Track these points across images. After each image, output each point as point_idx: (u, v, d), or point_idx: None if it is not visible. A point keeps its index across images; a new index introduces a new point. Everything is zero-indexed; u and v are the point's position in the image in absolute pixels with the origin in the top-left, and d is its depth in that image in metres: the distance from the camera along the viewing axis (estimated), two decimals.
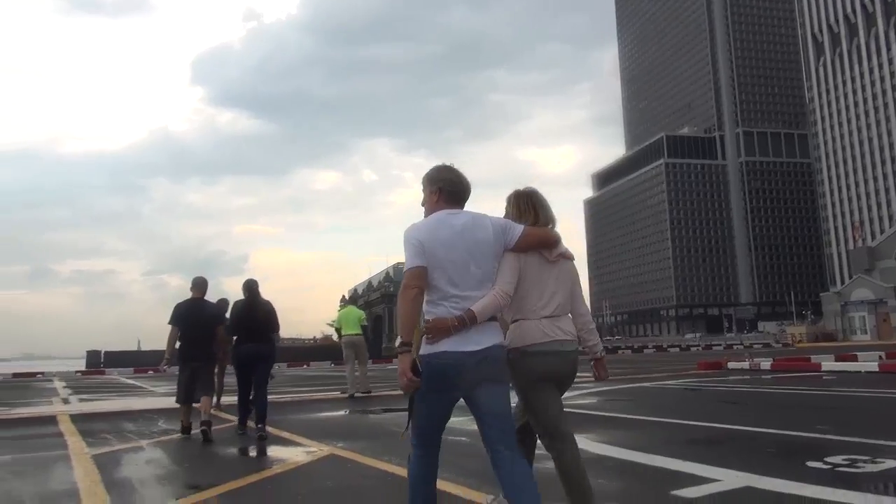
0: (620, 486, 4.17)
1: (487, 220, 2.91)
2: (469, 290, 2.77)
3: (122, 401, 13.49)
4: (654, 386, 12.67)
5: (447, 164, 3.03)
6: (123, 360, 42.19)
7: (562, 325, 3.05)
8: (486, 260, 2.84)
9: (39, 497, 4.29)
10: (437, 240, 2.77)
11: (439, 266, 2.75)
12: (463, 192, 2.96)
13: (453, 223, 2.82)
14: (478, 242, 2.82)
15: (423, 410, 2.85)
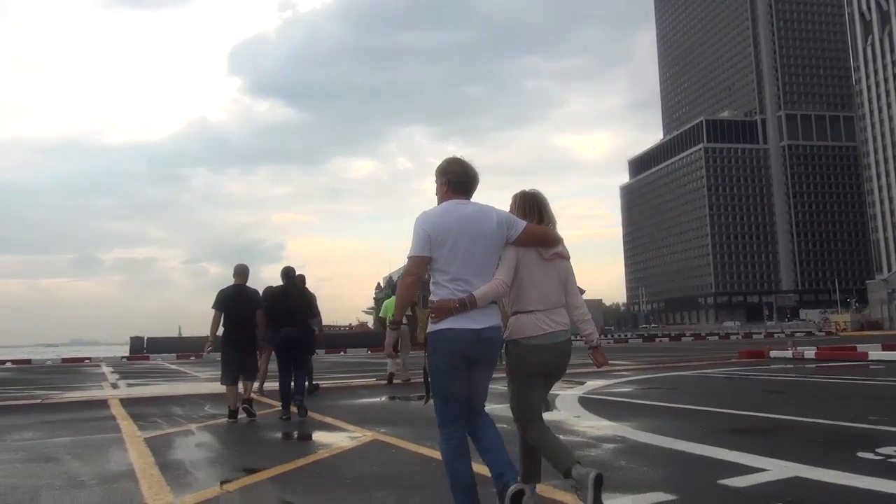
0: (666, 475, 4.16)
1: (493, 211, 3.13)
2: (471, 274, 3.00)
3: (167, 386, 13.86)
4: (694, 374, 12.55)
5: (456, 157, 3.22)
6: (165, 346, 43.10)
7: (555, 318, 3.28)
8: (489, 248, 3.06)
9: (99, 477, 4.46)
10: (444, 227, 3.00)
11: (444, 251, 2.98)
12: (470, 182, 3.16)
13: (460, 212, 3.06)
14: (482, 231, 3.04)
15: (444, 387, 3.05)
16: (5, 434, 6.60)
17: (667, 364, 16.23)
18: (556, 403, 8.02)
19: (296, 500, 3.80)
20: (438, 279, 3.03)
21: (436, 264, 3.02)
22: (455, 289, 2.97)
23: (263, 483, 4.25)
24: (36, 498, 3.94)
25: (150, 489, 4.04)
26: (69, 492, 4.07)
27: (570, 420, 6.64)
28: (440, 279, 3.01)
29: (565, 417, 6.83)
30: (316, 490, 4.03)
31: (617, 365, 16.34)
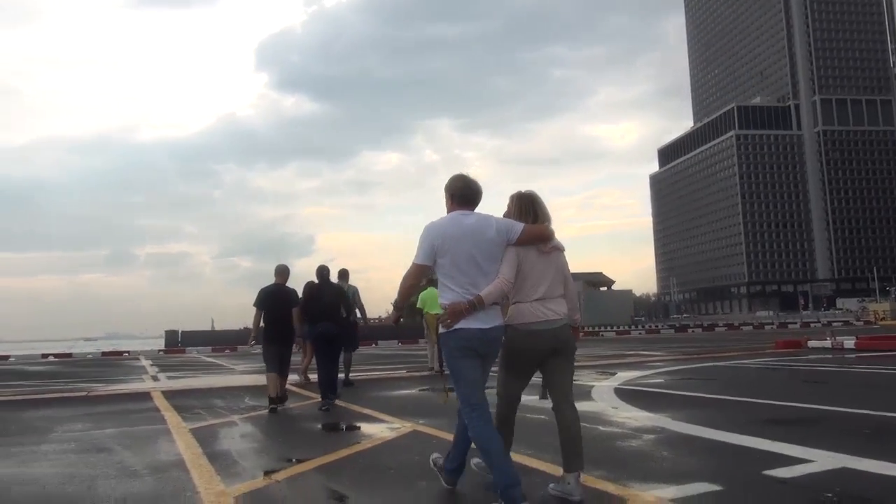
0: (710, 466, 4.15)
1: (493, 220, 3.50)
2: (475, 278, 3.36)
3: (206, 378, 14.13)
4: (729, 365, 12.41)
5: (460, 174, 3.61)
6: (199, 339, 43.88)
7: (551, 306, 3.54)
8: (490, 253, 3.41)
9: (151, 467, 4.60)
10: (449, 236, 3.37)
11: (450, 257, 3.35)
12: (472, 195, 3.53)
13: (464, 222, 3.42)
14: (484, 239, 3.40)
15: (463, 379, 3.42)
16: (57, 425, 6.82)
17: (701, 354, 16.06)
18: (592, 394, 8.03)
19: (342, 489, 3.87)
20: (447, 283, 3.39)
21: (443, 270, 3.39)
22: (462, 291, 3.33)
23: (309, 473, 4.34)
24: (93, 486, 4.08)
25: (202, 478, 4.16)
26: (124, 481, 4.21)
27: (607, 411, 6.64)
28: (449, 283, 3.38)
29: (602, 408, 6.83)
30: (361, 480, 4.11)
31: (650, 356, 16.22)
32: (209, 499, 3.67)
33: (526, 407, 7.06)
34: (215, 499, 3.65)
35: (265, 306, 7.83)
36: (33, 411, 8.29)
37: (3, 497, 3.90)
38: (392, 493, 3.81)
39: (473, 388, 3.40)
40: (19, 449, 5.51)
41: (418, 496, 3.70)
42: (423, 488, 3.81)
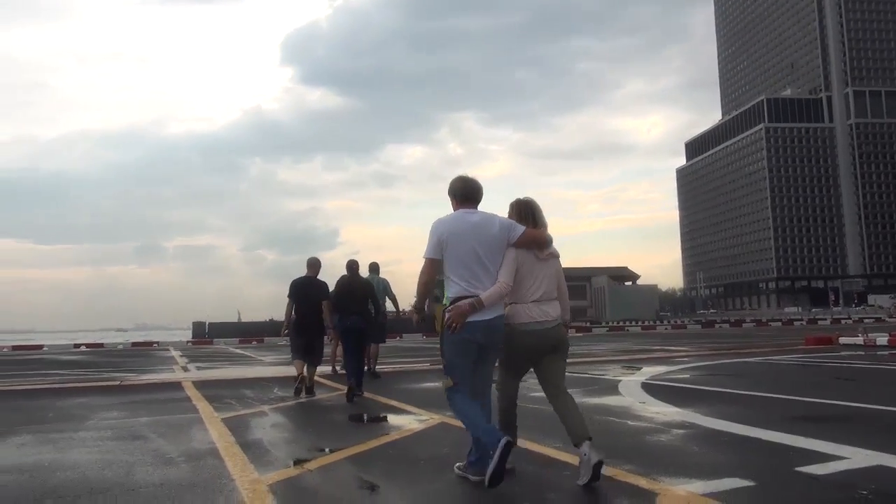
0: (741, 461, 4.13)
1: (496, 218, 3.75)
2: (478, 271, 3.60)
3: (235, 369, 14.34)
4: (758, 361, 12.28)
5: (460, 175, 3.85)
6: (226, 331, 44.50)
7: (545, 309, 3.80)
8: (492, 250, 3.65)
9: (186, 455, 4.70)
10: (455, 233, 3.63)
11: (455, 253, 3.60)
12: (472, 192, 3.80)
13: (468, 220, 3.68)
14: (487, 236, 3.64)
15: (455, 368, 3.70)
16: (93, 413, 6.98)
17: (729, 350, 15.91)
18: (619, 389, 8.01)
19: (374, 479, 3.93)
20: (452, 277, 3.65)
21: (448, 264, 3.64)
22: (465, 285, 3.59)
23: (341, 463, 4.40)
24: (131, 472, 4.19)
25: (236, 466, 4.24)
26: (160, 468, 4.30)
27: (635, 406, 6.63)
28: (453, 277, 3.64)
29: (630, 403, 6.82)
30: (392, 470, 4.16)
31: (676, 351, 16.10)
32: (244, 486, 3.74)
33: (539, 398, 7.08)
34: (250, 486, 3.73)
35: (297, 297, 8.18)
36: (69, 399, 8.49)
37: (47, 481, 4.01)
38: (423, 484, 3.86)
39: (461, 378, 3.68)
40: (58, 436, 5.66)
41: (450, 487, 3.74)
42: (455, 480, 3.84)
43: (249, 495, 3.54)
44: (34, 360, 19.65)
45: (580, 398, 7.30)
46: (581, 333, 36.06)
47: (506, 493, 3.53)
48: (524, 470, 4.01)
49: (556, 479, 3.77)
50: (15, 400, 8.84)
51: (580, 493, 3.47)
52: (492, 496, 3.48)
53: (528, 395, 7.59)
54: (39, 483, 3.98)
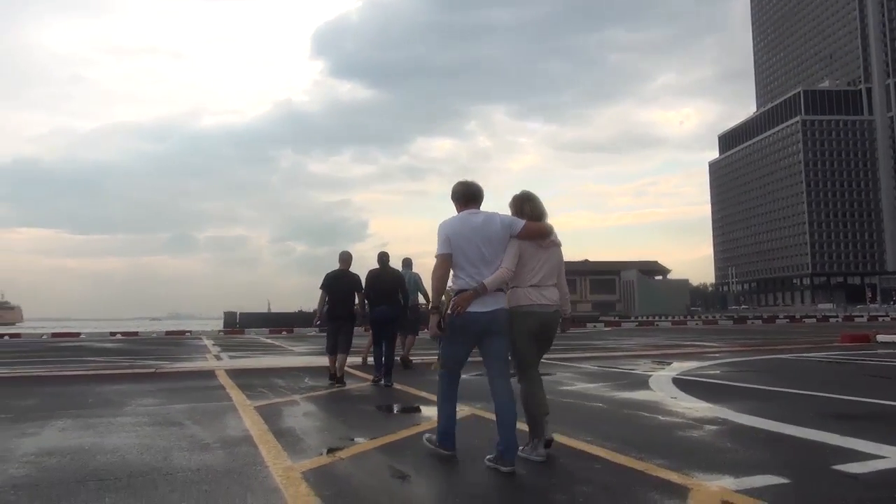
0: (775, 458, 4.08)
1: (498, 217, 4.08)
2: (482, 266, 3.95)
3: (266, 358, 14.55)
4: (792, 358, 12.08)
5: (460, 181, 4.20)
6: (256, 321, 45.12)
7: (544, 293, 4.12)
8: (494, 247, 4.00)
9: (221, 441, 4.80)
10: (460, 233, 3.99)
11: (461, 250, 3.97)
12: (473, 194, 4.16)
13: (472, 220, 4.03)
14: (489, 234, 3.99)
15: (449, 353, 4.18)
16: (130, 400, 7.15)
17: (761, 347, 15.68)
18: (650, 384, 7.95)
19: (405, 469, 3.97)
20: (457, 272, 4.00)
21: (455, 260, 3.99)
22: (469, 279, 3.94)
23: (372, 452, 4.46)
24: (169, 457, 4.29)
25: (269, 454, 4.32)
26: (197, 453, 4.40)
27: (666, 401, 6.58)
28: (458, 272, 3.99)
29: (661, 398, 6.77)
30: (423, 460, 4.19)
31: (707, 346, 15.91)
32: (278, 473, 3.81)
33: (583, 395, 7.08)
34: (284, 473, 3.80)
35: (329, 289, 8.43)
36: (107, 385, 8.71)
37: (88, 464, 4.13)
38: (454, 474, 3.89)
39: (455, 362, 4.19)
40: (98, 420, 5.82)
41: (481, 478, 3.76)
42: (485, 471, 3.87)
43: (283, 482, 3.60)
44: (72, 348, 20.16)
45: (610, 392, 7.29)
46: (610, 328, 35.80)
47: (537, 484, 3.55)
48: (555, 462, 4.02)
49: (587, 472, 3.77)
50: (56, 385, 9.09)
51: (611, 485, 3.46)
52: (523, 488, 3.50)
53: (560, 390, 7.60)
54: (81, 465, 4.10)
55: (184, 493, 3.42)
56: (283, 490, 3.45)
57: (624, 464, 3.92)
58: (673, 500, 3.18)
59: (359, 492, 3.51)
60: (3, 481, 3.72)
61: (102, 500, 3.30)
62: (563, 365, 10.93)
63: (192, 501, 3.28)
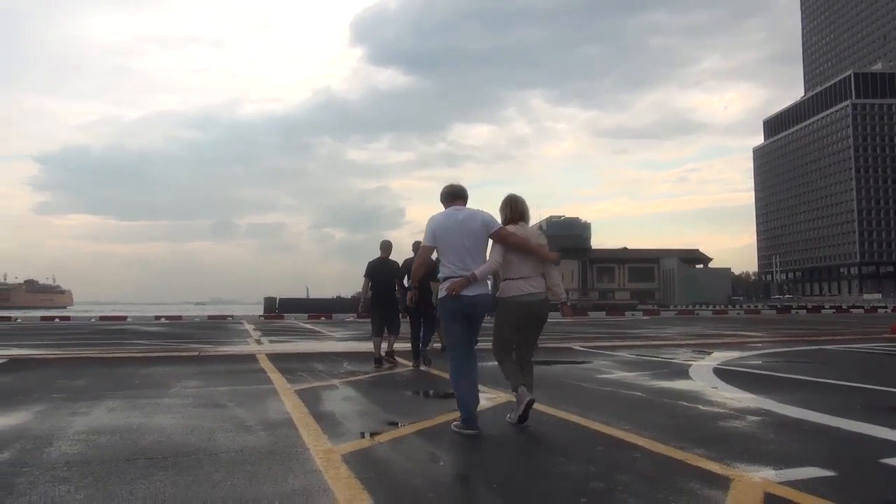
0: (821, 451, 4.00)
1: (480, 214, 4.65)
2: (465, 257, 4.49)
3: (306, 343, 14.78)
4: (838, 349, 11.79)
5: (447, 184, 4.84)
6: (295, 307, 45.71)
7: (532, 283, 4.67)
8: (476, 240, 4.55)
9: (263, 423, 4.90)
10: (444, 227, 4.57)
11: (445, 243, 4.54)
12: (455, 193, 4.79)
13: (455, 216, 4.62)
14: (470, 229, 4.54)
15: (449, 331, 4.70)
16: (175, 382, 7.35)
17: (806, 337, 15.33)
18: (689, 373, 7.86)
19: (442, 454, 4.01)
20: (443, 261, 4.55)
21: (441, 251, 4.57)
22: (454, 267, 4.49)
23: (410, 436, 4.50)
24: (213, 438, 4.40)
25: (310, 436, 4.40)
26: (240, 434, 4.51)
27: (707, 391, 6.49)
28: (445, 262, 4.54)
29: (702, 388, 6.69)
30: (460, 445, 4.23)
31: (749, 336, 15.62)
32: (318, 455, 3.88)
33: (621, 383, 7.03)
34: (324, 455, 3.86)
35: (372, 277, 8.78)
36: (153, 367, 8.96)
37: (137, 443, 4.27)
38: (491, 460, 3.91)
39: (457, 341, 4.63)
40: (145, 401, 5.99)
41: (517, 463, 3.78)
42: (522, 457, 3.88)
43: (324, 464, 3.67)
44: (119, 331, 20.76)
45: (649, 381, 7.23)
46: (648, 316, 35.39)
47: (575, 472, 3.54)
48: (594, 451, 4.01)
49: (626, 461, 3.75)
50: (104, 367, 9.38)
51: (650, 474, 3.44)
52: (561, 475, 3.50)
53: (598, 378, 7.57)
54: (130, 444, 4.24)
55: (228, 473, 3.51)
56: (323, 472, 3.51)
57: (664, 453, 3.89)
58: (714, 491, 3.15)
59: (397, 475, 3.55)
60: (57, 458, 3.87)
61: (150, 478, 3.41)
62: (601, 353, 10.86)
63: (235, 481, 3.37)
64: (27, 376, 8.14)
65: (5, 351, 12.04)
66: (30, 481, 3.37)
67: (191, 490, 3.21)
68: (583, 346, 12.53)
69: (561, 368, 8.94)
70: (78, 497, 3.12)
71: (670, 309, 55.48)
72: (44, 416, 5.23)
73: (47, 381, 7.55)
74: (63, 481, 3.37)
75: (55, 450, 4.07)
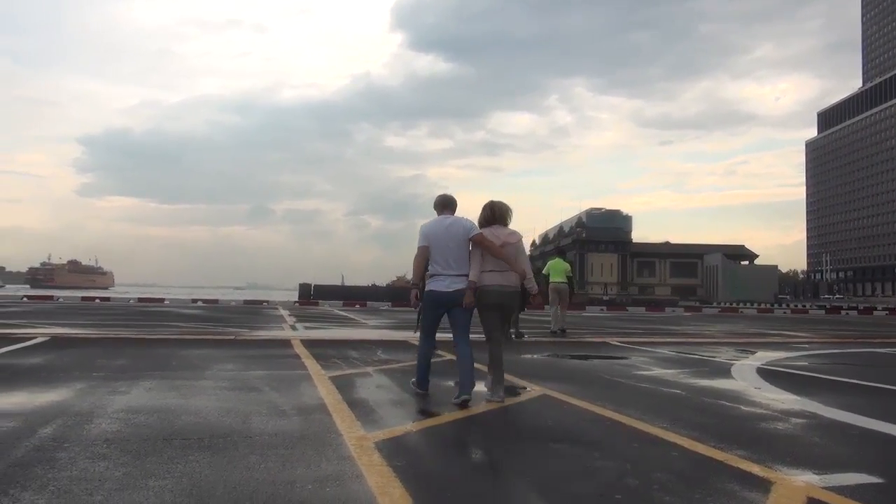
0: (868, 456, 3.91)
1: (462, 221, 5.56)
2: (448, 258, 5.43)
3: (340, 330, 14.95)
4: (891, 352, 11.45)
5: (439, 194, 5.82)
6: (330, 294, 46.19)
7: (505, 277, 5.47)
8: (458, 244, 5.47)
9: (297, 408, 4.99)
10: (434, 232, 5.51)
11: (434, 246, 5.48)
12: (446, 204, 5.74)
13: (443, 223, 5.56)
14: (454, 234, 5.47)
15: (426, 318, 5.60)
16: (211, 364, 7.52)
17: (856, 339, 14.93)
18: (731, 372, 7.73)
19: (476, 445, 4.03)
20: (432, 260, 5.50)
21: (431, 251, 5.50)
22: (440, 267, 5.43)
23: (443, 427, 4.54)
24: (248, 421, 4.50)
25: (343, 423, 4.47)
26: (274, 419, 4.60)
27: (749, 391, 6.39)
28: (433, 260, 5.49)
29: (744, 387, 6.58)
30: (495, 439, 4.24)
31: (796, 336, 15.28)
32: (351, 441, 3.94)
33: (660, 380, 6.96)
34: (357, 442, 3.92)
35: None
36: (190, 350, 9.17)
37: (174, 423, 4.39)
38: (522, 453, 3.91)
39: (428, 327, 5.61)
40: (182, 383, 6.15)
41: (552, 458, 3.77)
42: (559, 452, 3.88)
43: (356, 450, 3.73)
44: (157, 313, 21.29)
45: (689, 379, 7.14)
46: (690, 313, 34.87)
47: (610, 469, 3.53)
48: (630, 448, 3.99)
49: (663, 459, 3.71)
50: (143, 348, 9.64)
51: (688, 473, 3.41)
52: (595, 472, 3.48)
53: (635, 374, 7.50)
54: (168, 424, 4.36)
55: (262, 456, 3.59)
56: (356, 458, 3.57)
57: (703, 453, 3.84)
58: (754, 493, 3.10)
59: (430, 464, 3.59)
60: (97, 435, 4.00)
61: (186, 458, 3.51)
62: (639, 349, 10.76)
63: (269, 464, 3.44)
64: (69, 354, 8.41)
65: (48, 329, 12.46)
66: (71, 457, 3.49)
67: (226, 471, 3.30)
68: (620, 341, 12.42)
69: (597, 363, 8.89)
70: (116, 474, 3.22)
71: (713, 306, 54.53)
72: (84, 394, 5.41)
73: (88, 359, 7.80)
74: (102, 458, 3.49)
75: (95, 427, 4.21)
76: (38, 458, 3.45)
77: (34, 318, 16.41)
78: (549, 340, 12.29)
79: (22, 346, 9.11)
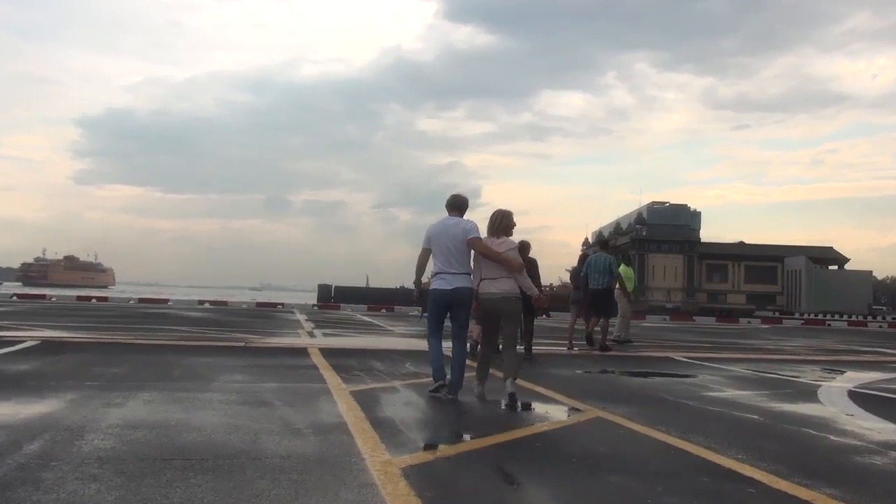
0: None
1: (462, 223, 6.54)
2: (448, 258, 6.41)
3: (363, 338, 15.02)
4: None
5: (452, 194, 6.82)
6: (353, 296, 46.64)
7: (497, 284, 6.38)
8: (457, 245, 6.43)
9: (313, 427, 4.99)
10: (438, 232, 6.51)
11: (436, 245, 6.49)
12: (453, 205, 6.74)
13: (446, 224, 6.56)
14: (454, 234, 6.43)
15: (431, 317, 6.68)
16: (217, 375, 7.59)
17: None
18: (818, 395, 7.55)
19: (518, 475, 3.96)
20: (434, 260, 6.52)
21: (433, 250, 6.52)
22: (441, 265, 6.46)
23: (482, 451, 4.49)
24: (257, 440, 4.51)
25: (366, 444, 4.45)
26: (288, 438, 4.60)
27: (840, 418, 6.22)
28: (435, 259, 6.51)
29: (833, 414, 6.41)
30: (540, 466, 4.17)
31: (894, 355, 14.88)
32: (375, 467, 3.91)
33: (733, 403, 6.83)
34: (381, 468, 3.89)
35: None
36: (194, 357, 9.28)
37: (174, 441, 4.42)
38: (569, 482, 3.84)
39: (434, 324, 6.69)
40: (185, 395, 6.21)
41: (606, 492, 3.70)
42: (616, 484, 3.80)
43: (381, 477, 3.70)
44: (159, 315, 21.66)
45: (767, 402, 6.99)
46: (768, 325, 34.27)
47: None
48: (698, 482, 3.90)
49: (738, 496, 3.62)
50: (143, 354, 9.80)
51: None
52: None
53: (704, 396, 7.38)
54: (167, 442, 4.39)
55: (273, 481, 3.58)
56: (379, 486, 3.54)
57: (784, 490, 3.74)
58: None
59: (465, 497, 3.54)
60: (89, 452, 4.05)
61: (187, 482, 3.52)
62: (709, 366, 10.57)
63: (280, 490, 3.43)
64: (60, 361, 8.58)
65: (39, 332, 12.75)
66: (58, 477, 3.53)
67: (231, 498, 3.30)
68: (685, 356, 12.23)
69: (659, 382, 8.76)
70: (109, 498, 3.24)
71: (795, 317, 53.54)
72: (76, 406, 5.50)
73: (81, 367, 7.94)
74: (94, 479, 3.52)
75: (87, 443, 4.26)
76: (22, 479, 3.49)
77: (24, 318, 16.83)
78: (601, 355, 12.16)
79: (9, 351, 9.32)
